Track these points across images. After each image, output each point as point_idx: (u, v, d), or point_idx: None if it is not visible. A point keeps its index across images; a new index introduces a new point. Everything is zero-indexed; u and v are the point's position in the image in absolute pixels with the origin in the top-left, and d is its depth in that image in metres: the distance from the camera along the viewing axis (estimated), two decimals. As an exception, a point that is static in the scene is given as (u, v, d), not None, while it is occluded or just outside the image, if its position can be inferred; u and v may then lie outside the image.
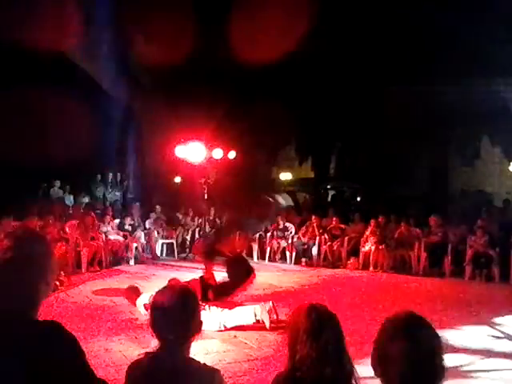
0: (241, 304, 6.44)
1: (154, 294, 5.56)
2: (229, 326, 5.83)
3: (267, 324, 5.78)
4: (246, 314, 5.91)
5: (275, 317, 5.86)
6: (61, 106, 11.97)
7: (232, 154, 12.77)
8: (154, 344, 1.94)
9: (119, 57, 13.41)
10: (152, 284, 8.05)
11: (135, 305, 6.43)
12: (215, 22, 11.12)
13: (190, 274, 7.93)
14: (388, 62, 13.51)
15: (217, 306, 6.11)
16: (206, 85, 12.55)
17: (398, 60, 13.42)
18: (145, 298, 6.18)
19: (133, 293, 6.56)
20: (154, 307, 1.93)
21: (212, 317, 5.79)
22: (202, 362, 1.94)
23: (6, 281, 1.59)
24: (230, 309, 6.07)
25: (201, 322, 1.95)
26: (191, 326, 1.89)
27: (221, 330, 5.73)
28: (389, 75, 14.04)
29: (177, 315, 1.86)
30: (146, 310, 6.23)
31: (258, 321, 5.82)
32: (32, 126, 12.44)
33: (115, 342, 5.37)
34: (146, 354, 1.90)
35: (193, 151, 11.71)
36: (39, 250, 1.68)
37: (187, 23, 10.90)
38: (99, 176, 13.63)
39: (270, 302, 5.99)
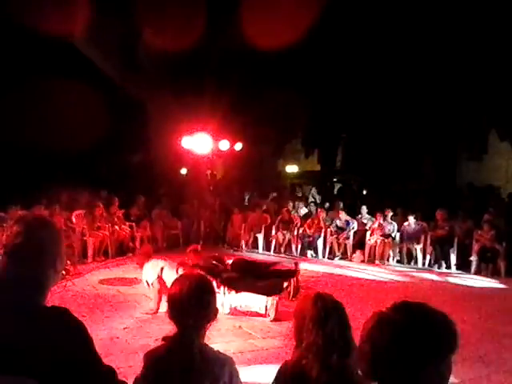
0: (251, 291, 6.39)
1: (160, 274, 5.59)
2: (238, 308, 5.89)
3: (272, 316, 5.81)
4: (257, 301, 5.93)
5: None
6: (69, 96, 12.00)
7: (238, 146, 12.76)
8: (159, 333, 1.95)
9: (125, 46, 13.38)
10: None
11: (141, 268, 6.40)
12: (222, 11, 11.04)
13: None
14: (397, 55, 13.40)
15: (228, 288, 6.15)
16: (212, 76, 12.51)
17: (407, 52, 13.31)
18: (150, 275, 6.16)
19: (144, 256, 6.50)
20: (173, 294, 1.98)
21: (223, 299, 5.85)
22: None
23: (15, 266, 1.60)
24: (240, 292, 6.10)
25: (217, 309, 2.01)
26: (208, 313, 1.96)
27: (229, 313, 5.76)
28: (397, 68, 13.93)
29: (194, 302, 1.92)
30: (148, 286, 6.26)
31: (266, 312, 5.84)
32: (39, 115, 12.49)
33: (120, 330, 5.40)
34: (163, 339, 1.95)
35: (199, 142, 11.74)
36: (49, 236, 1.68)
37: (194, 12, 10.83)
38: None
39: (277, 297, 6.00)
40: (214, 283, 5.82)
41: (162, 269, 6.09)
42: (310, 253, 10.90)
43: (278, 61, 11.28)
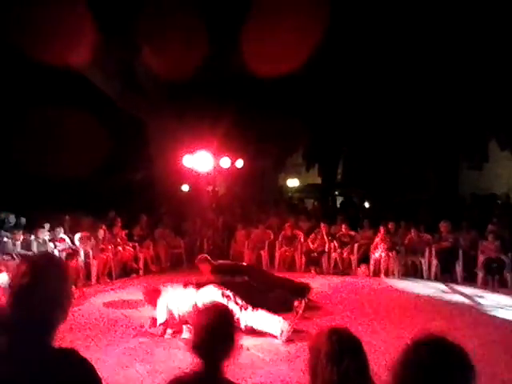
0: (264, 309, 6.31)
1: (172, 297, 5.56)
2: (253, 327, 5.81)
3: (284, 338, 5.72)
4: (271, 322, 5.85)
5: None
6: (70, 118, 12.07)
7: (240, 163, 12.76)
8: (165, 358, 1.95)
9: (126, 67, 13.47)
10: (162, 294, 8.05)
11: (155, 306, 6.36)
12: (224, 33, 11.14)
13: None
14: (396, 65, 13.47)
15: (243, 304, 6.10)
16: (212, 94, 12.57)
17: (406, 62, 13.38)
18: (160, 315, 6.13)
19: (153, 294, 6.50)
20: (197, 328, 2.01)
21: (239, 315, 5.78)
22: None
23: (22, 307, 1.59)
24: (254, 309, 6.04)
25: (238, 342, 2.05)
26: (231, 347, 2.00)
27: (242, 330, 5.71)
28: (396, 78, 13.99)
29: (220, 336, 1.97)
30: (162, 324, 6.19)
31: (281, 334, 5.75)
32: (40, 138, 12.55)
33: (127, 356, 5.34)
34: (187, 372, 1.97)
35: (200, 160, 11.76)
36: (56, 275, 1.68)
37: (195, 35, 10.93)
38: None
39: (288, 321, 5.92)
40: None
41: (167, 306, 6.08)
42: (314, 268, 10.83)
43: (278, 78, 11.35)
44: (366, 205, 18.61)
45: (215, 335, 1.95)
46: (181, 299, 6.10)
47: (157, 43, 11.27)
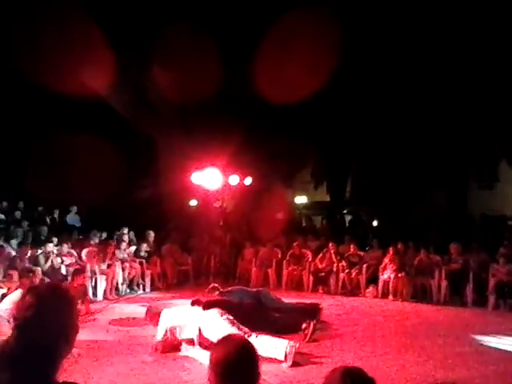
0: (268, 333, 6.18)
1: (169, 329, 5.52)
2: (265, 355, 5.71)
3: (290, 363, 5.60)
4: (276, 346, 5.73)
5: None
6: (78, 136, 12.16)
7: (248, 181, 12.75)
8: (169, 379, 1.88)
9: (136, 85, 13.59)
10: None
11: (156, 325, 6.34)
12: (236, 57, 11.25)
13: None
14: (405, 84, 13.50)
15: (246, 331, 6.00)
16: (222, 113, 12.64)
17: (415, 80, 13.40)
18: (163, 327, 6.08)
19: (154, 315, 6.45)
20: (219, 360, 1.87)
21: None
22: None
23: (26, 339, 1.56)
24: (258, 335, 5.93)
25: (260, 374, 1.91)
26: (255, 378, 1.88)
27: None
28: (406, 98, 13.99)
29: (243, 368, 1.85)
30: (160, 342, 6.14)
31: (285, 357, 5.64)
32: (59, 165, 12.70)
33: (131, 377, 5.27)
34: None
35: (209, 177, 11.77)
36: (61, 307, 1.65)
37: (208, 57, 11.04)
38: None
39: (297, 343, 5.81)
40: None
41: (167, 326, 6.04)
42: (321, 288, 10.71)
43: (288, 104, 11.43)
44: (375, 223, 18.49)
45: (238, 370, 1.83)
46: (184, 318, 6.04)
47: (169, 65, 11.38)
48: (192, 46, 10.96)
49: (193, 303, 6.67)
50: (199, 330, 5.86)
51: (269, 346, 5.70)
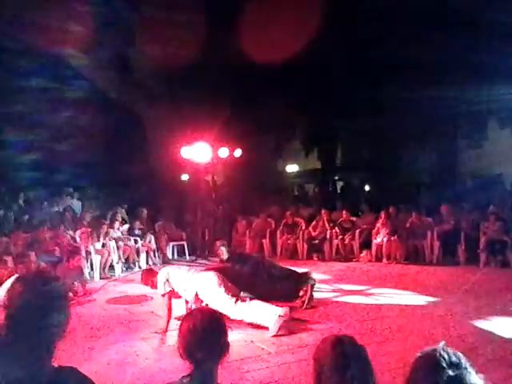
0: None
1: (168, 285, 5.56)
2: (246, 321, 5.82)
3: (273, 332, 5.68)
4: (266, 313, 5.82)
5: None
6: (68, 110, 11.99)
7: (238, 152, 12.70)
8: (171, 355, 1.92)
9: (121, 60, 13.32)
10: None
11: (155, 287, 6.31)
12: (221, 19, 10.99)
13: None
14: (396, 44, 13.31)
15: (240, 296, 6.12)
16: (209, 86, 12.47)
17: (405, 41, 13.21)
18: (160, 287, 6.10)
19: (148, 276, 6.48)
20: (187, 330, 1.95)
21: (233, 308, 5.80)
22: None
23: (19, 328, 1.56)
24: (251, 300, 6.06)
25: (229, 344, 1.98)
26: (223, 347, 1.94)
27: (235, 320, 5.72)
28: (394, 60, 13.83)
29: (210, 337, 1.92)
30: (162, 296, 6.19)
31: (273, 325, 5.73)
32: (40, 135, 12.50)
33: (132, 354, 5.35)
34: (181, 378, 1.91)
35: (198, 151, 11.70)
36: (52, 293, 1.65)
37: (193, 21, 10.79)
38: None
39: (286, 310, 5.89)
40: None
41: (168, 278, 6.05)
42: (316, 256, 10.83)
43: (274, 66, 11.24)
44: (367, 188, 18.57)
45: (201, 336, 1.90)
46: (180, 277, 6.08)
47: (152, 31, 11.12)
48: (172, 10, 10.70)
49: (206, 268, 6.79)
50: (196, 293, 5.91)
51: (259, 313, 5.80)
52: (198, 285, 5.97)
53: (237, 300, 5.93)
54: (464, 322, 5.93)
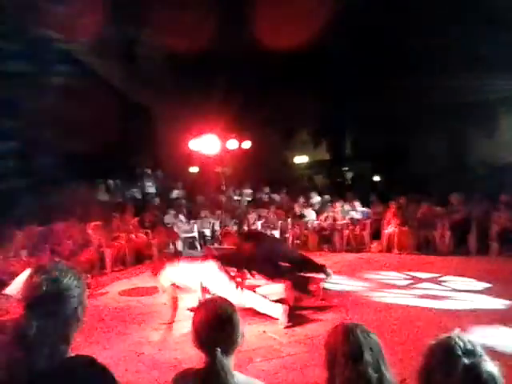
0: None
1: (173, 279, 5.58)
2: (256, 309, 5.87)
3: (284, 323, 5.74)
4: (272, 305, 5.88)
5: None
6: (74, 104, 11.99)
7: (247, 144, 12.70)
8: (184, 346, 1.93)
9: (129, 50, 13.31)
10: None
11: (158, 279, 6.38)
12: (230, 10, 10.92)
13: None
14: (402, 35, 13.19)
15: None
16: (218, 76, 12.44)
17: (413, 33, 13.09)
18: (165, 280, 6.17)
19: (158, 266, 6.52)
20: (200, 321, 1.95)
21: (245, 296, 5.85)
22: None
23: (37, 319, 1.58)
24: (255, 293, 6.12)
25: (243, 334, 1.99)
26: (237, 337, 1.95)
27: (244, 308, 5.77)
28: (403, 49, 13.71)
29: (223, 328, 1.92)
30: (163, 292, 6.32)
31: (281, 317, 5.78)
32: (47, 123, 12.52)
33: (145, 344, 5.41)
34: (195, 369, 1.94)
35: (207, 143, 11.73)
36: (69, 284, 1.66)
37: (202, 14, 10.74)
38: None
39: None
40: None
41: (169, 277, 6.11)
42: (326, 246, 10.82)
43: (284, 56, 11.17)
44: (376, 178, 18.50)
45: (215, 328, 1.90)
46: (181, 272, 6.11)
47: (161, 20, 11.05)
48: (180, 1, 10.65)
49: (204, 258, 6.81)
50: (201, 283, 5.95)
51: (266, 304, 5.85)
52: (200, 276, 5.99)
53: (242, 289, 5.96)
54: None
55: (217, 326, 1.92)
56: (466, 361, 1.48)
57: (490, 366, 1.50)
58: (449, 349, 1.51)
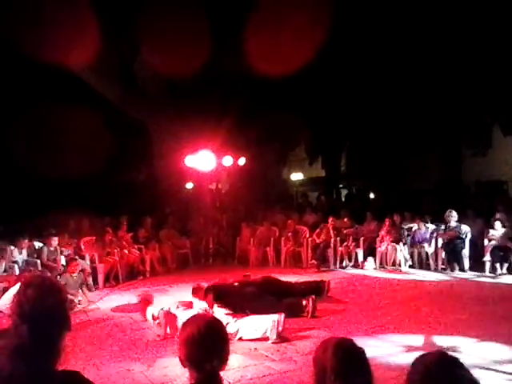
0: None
1: (165, 308, 5.65)
2: (244, 338, 5.80)
3: (273, 339, 5.70)
4: (259, 325, 5.83)
5: (280, 329, 5.80)
6: (71, 122, 12.05)
7: (242, 161, 12.75)
8: (175, 362, 1.92)
9: (126, 68, 13.42)
10: (169, 297, 8.09)
11: (145, 316, 6.42)
12: (227, 31, 11.09)
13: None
14: (397, 52, 13.38)
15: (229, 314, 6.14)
16: (214, 94, 12.56)
17: (407, 49, 13.28)
18: (154, 309, 6.18)
19: (145, 303, 6.56)
20: (187, 338, 1.93)
21: (233, 326, 5.79)
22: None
23: (33, 332, 1.59)
24: (240, 317, 6.07)
25: (229, 349, 1.98)
26: (224, 353, 1.93)
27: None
28: (398, 67, 13.88)
29: (211, 343, 1.89)
30: (154, 320, 6.32)
31: (270, 333, 5.74)
32: (42, 143, 12.57)
33: (136, 361, 5.35)
34: None
35: (202, 160, 11.76)
36: (60, 299, 1.70)
37: (197, 33, 10.88)
38: None
39: (282, 316, 5.88)
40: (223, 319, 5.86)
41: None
42: (319, 263, 10.77)
43: (279, 80, 11.33)
44: (371, 196, 18.56)
45: (206, 346, 1.88)
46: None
47: (157, 42, 11.20)
48: (179, 22, 10.78)
49: (194, 290, 6.80)
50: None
51: (255, 326, 5.81)
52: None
53: (229, 322, 5.90)
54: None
55: (203, 341, 1.90)
56: (449, 375, 1.49)
57: (474, 380, 1.51)
58: (432, 364, 1.52)
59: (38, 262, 8.68)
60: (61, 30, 10.54)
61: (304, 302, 6.72)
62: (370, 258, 10.44)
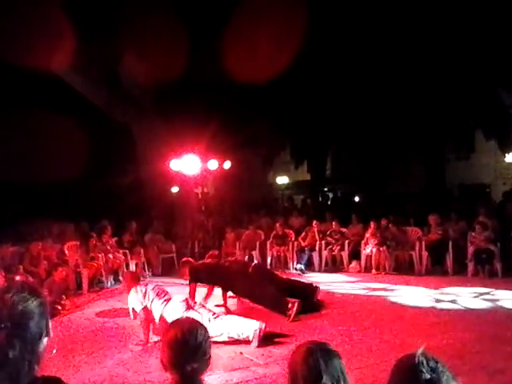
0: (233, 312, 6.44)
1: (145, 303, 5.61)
2: (225, 336, 5.78)
3: (255, 344, 5.70)
4: (244, 328, 5.80)
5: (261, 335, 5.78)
6: (54, 125, 11.94)
7: (227, 164, 12.75)
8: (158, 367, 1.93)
9: (110, 73, 13.37)
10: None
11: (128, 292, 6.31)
12: (209, 37, 11.12)
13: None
14: (381, 59, 13.51)
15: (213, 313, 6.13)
16: (198, 98, 12.56)
17: (390, 56, 13.42)
18: (136, 303, 6.11)
19: (131, 279, 6.44)
20: (169, 342, 1.94)
21: (215, 325, 5.76)
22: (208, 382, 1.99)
23: (15, 338, 1.57)
24: (225, 315, 6.11)
25: (210, 354, 1.99)
26: (206, 357, 1.94)
27: (223, 342, 5.70)
28: (380, 73, 14.02)
29: (193, 347, 1.90)
30: (133, 315, 6.27)
31: (252, 339, 5.73)
32: (29, 147, 12.45)
33: (120, 366, 5.31)
34: None
35: (187, 164, 11.73)
36: (40, 302, 1.68)
37: (181, 38, 10.90)
38: None
39: (263, 325, 5.86)
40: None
41: (145, 294, 6.05)
42: (300, 266, 10.76)
43: (264, 79, 11.38)
44: (356, 199, 18.68)
45: (187, 346, 1.89)
46: (154, 304, 6.08)
47: (138, 48, 11.21)
48: (159, 29, 10.80)
49: (182, 263, 7.36)
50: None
51: (236, 327, 5.79)
52: (169, 314, 5.93)
53: (210, 319, 5.88)
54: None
55: (186, 345, 1.90)
56: (428, 376, 1.50)
57: (453, 382, 1.52)
58: (413, 366, 1.53)
59: (21, 267, 8.55)
60: (37, 35, 10.48)
61: (289, 305, 6.73)
62: (355, 262, 10.50)
